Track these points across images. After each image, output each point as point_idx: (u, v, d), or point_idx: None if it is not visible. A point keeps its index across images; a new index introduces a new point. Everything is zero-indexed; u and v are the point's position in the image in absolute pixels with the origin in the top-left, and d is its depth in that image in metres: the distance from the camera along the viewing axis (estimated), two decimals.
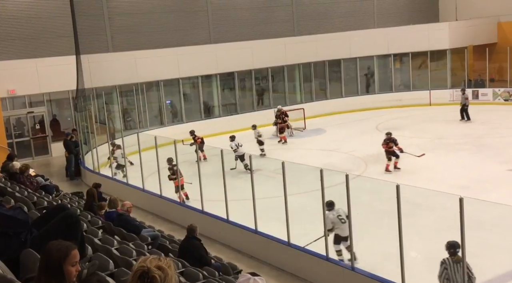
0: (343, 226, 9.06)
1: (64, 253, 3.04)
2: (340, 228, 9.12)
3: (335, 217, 9.14)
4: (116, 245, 6.57)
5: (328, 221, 9.06)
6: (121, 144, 15.70)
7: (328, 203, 9.18)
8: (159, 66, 21.89)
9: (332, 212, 9.18)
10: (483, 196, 11.03)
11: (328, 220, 9.07)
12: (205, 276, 6.47)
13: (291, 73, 26.22)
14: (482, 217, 10.25)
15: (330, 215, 9.15)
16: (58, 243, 3.12)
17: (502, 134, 19.08)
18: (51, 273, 2.97)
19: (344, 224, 9.03)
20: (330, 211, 9.19)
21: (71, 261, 3.05)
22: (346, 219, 8.94)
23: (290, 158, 14.91)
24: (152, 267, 2.20)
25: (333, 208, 9.24)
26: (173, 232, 10.71)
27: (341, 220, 9.08)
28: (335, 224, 9.13)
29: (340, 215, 9.12)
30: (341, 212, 9.13)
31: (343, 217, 9.07)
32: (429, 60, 26.50)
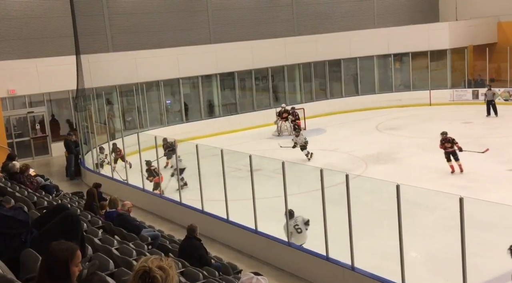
0: (298, 235, 9.33)
1: (70, 253, 3.03)
2: (296, 237, 9.36)
3: (291, 226, 9.32)
4: (116, 245, 6.57)
5: (285, 230, 9.33)
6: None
7: (290, 213, 9.37)
8: (159, 66, 21.90)
9: (290, 221, 9.34)
10: (483, 196, 11.03)
11: (285, 229, 9.34)
12: (205, 276, 6.47)
13: (291, 73, 26.23)
14: (482, 217, 10.25)
15: (289, 224, 9.33)
16: (63, 244, 3.11)
17: (502, 134, 19.08)
18: (57, 274, 2.95)
19: (300, 234, 9.31)
20: (290, 219, 9.35)
21: (76, 262, 3.05)
22: (302, 229, 9.27)
23: (290, 158, 14.92)
24: (154, 267, 2.20)
25: (293, 217, 9.42)
26: (173, 232, 10.71)
27: (297, 230, 9.31)
28: (293, 233, 9.34)
29: (297, 225, 9.32)
30: (299, 221, 9.35)
31: (299, 227, 9.31)
32: (429, 60, 26.50)
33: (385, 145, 18.53)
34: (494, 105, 22.50)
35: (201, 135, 21.63)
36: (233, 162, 15.41)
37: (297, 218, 9.37)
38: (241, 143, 19.96)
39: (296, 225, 9.29)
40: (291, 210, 9.38)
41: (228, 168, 12.20)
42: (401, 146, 18.31)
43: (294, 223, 9.32)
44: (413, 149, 17.82)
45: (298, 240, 9.34)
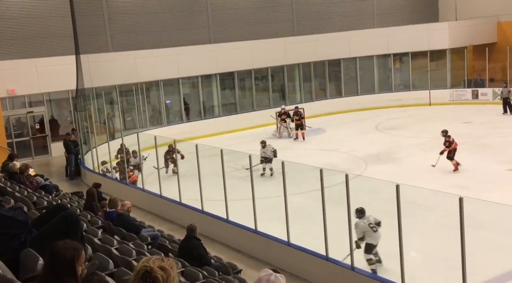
0: (374, 235, 8.78)
1: (77, 252, 3.04)
2: (372, 237, 8.80)
3: (365, 225, 8.79)
4: (116, 245, 6.57)
5: (358, 230, 8.78)
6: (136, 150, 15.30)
7: (359, 210, 8.87)
8: (158, 66, 21.91)
9: (363, 220, 8.84)
10: (483, 195, 11.03)
11: (358, 228, 8.78)
12: (205, 276, 6.47)
13: (290, 73, 26.24)
14: (482, 216, 10.25)
15: (361, 223, 8.82)
16: (69, 243, 3.11)
17: (501, 133, 19.09)
18: (64, 273, 2.95)
19: (375, 233, 8.75)
20: (360, 218, 8.85)
21: (81, 261, 3.05)
22: (377, 227, 8.75)
23: (290, 157, 14.91)
24: (155, 267, 2.20)
25: (364, 216, 8.89)
26: (172, 232, 10.71)
27: (373, 229, 8.77)
28: (366, 232, 8.80)
29: (371, 223, 8.78)
30: (371, 219, 8.84)
31: (374, 225, 8.78)
32: (429, 60, 26.52)
33: (385, 145, 18.53)
34: (510, 102, 22.58)
35: (200, 135, 21.64)
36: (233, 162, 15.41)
37: (369, 217, 8.86)
38: (240, 143, 19.96)
39: (370, 223, 8.75)
40: (361, 208, 8.89)
41: (228, 168, 12.21)
42: (400, 146, 18.32)
43: (368, 222, 8.78)
44: (412, 149, 17.83)
45: (375, 239, 8.80)
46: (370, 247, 8.84)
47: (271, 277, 2.59)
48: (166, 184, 13.28)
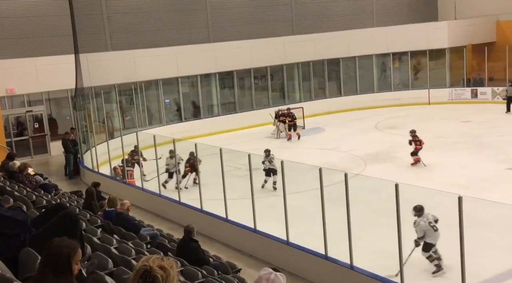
0: (435, 234, 8.52)
1: (73, 249, 3.04)
2: (432, 236, 8.53)
3: (426, 224, 8.52)
4: (115, 244, 6.57)
5: (419, 229, 8.53)
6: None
7: (418, 208, 8.58)
8: (157, 65, 21.90)
9: (422, 219, 8.56)
10: (482, 195, 11.04)
11: (419, 227, 8.53)
12: (204, 275, 6.47)
13: (290, 72, 26.24)
14: (481, 216, 10.26)
15: (421, 222, 8.55)
16: (65, 240, 3.11)
17: (501, 133, 19.10)
18: (60, 270, 2.95)
19: (436, 232, 8.51)
20: (420, 217, 8.58)
21: (77, 259, 3.05)
22: (437, 227, 8.51)
23: (289, 157, 14.90)
24: (155, 266, 2.20)
25: (423, 214, 8.57)
26: (172, 231, 10.71)
27: (433, 228, 8.51)
28: (427, 232, 8.53)
29: (431, 222, 8.50)
30: (431, 218, 8.55)
31: (434, 224, 8.52)
32: (428, 59, 26.53)
33: (384, 144, 18.55)
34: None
35: (200, 134, 21.65)
36: (232, 161, 15.40)
37: (428, 215, 8.53)
38: (240, 142, 19.96)
39: (430, 222, 8.47)
40: (420, 206, 8.57)
41: (227, 167, 12.21)
42: (400, 145, 18.29)
43: (428, 220, 8.50)
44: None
45: (434, 238, 8.53)
46: (429, 246, 8.62)
47: (271, 276, 2.60)
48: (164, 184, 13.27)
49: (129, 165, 14.94)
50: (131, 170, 14.79)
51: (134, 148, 15.29)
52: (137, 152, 15.18)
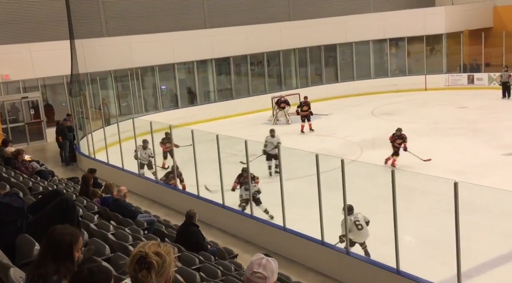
0: (358, 232, 8.70)
1: (76, 237, 3.05)
2: (355, 234, 8.70)
3: (352, 222, 8.68)
4: (112, 230, 6.58)
5: (343, 227, 8.70)
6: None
7: (348, 208, 8.67)
8: (153, 51, 21.77)
9: (350, 217, 8.69)
10: (478, 180, 11.07)
11: (343, 225, 8.69)
12: (201, 261, 6.50)
13: (286, 58, 26.13)
14: (477, 201, 10.31)
15: (348, 220, 8.68)
16: (68, 228, 3.13)
17: (497, 118, 19.14)
18: (61, 257, 2.96)
19: (359, 231, 8.68)
20: (348, 216, 8.70)
21: (78, 247, 3.06)
22: (363, 226, 8.66)
23: (286, 143, 14.91)
24: (150, 252, 2.21)
25: (352, 213, 8.76)
26: (169, 217, 10.74)
27: (358, 226, 8.72)
28: (350, 229, 8.66)
29: (358, 221, 8.69)
30: (359, 217, 8.74)
31: (360, 223, 8.69)
32: (425, 45, 26.46)
33: (380, 130, 18.53)
34: (509, 87, 22.62)
35: (196, 121, 21.61)
36: (229, 147, 15.40)
37: (358, 214, 8.71)
38: (236, 129, 19.94)
39: (356, 220, 8.63)
40: (350, 206, 8.65)
41: (223, 153, 12.20)
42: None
43: (355, 219, 8.67)
44: (408, 134, 17.77)
45: (357, 237, 8.72)
46: (351, 244, 8.70)
47: (263, 261, 2.61)
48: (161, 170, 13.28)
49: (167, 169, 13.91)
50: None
51: (165, 135, 14.47)
52: (169, 139, 14.25)
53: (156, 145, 13.76)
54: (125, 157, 14.50)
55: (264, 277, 2.57)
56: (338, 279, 8.39)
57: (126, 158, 14.48)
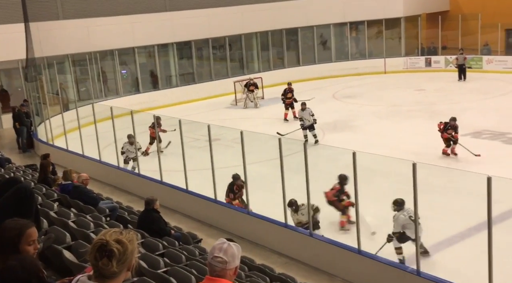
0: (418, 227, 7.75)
1: (17, 232, 2.98)
2: (412, 230, 7.82)
3: (406, 218, 8.05)
4: (73, 218, 6.48)
5: (397, 224, 8.14)
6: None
7: (399, 203, 8.15)
8: (113, 34, 21.29)
9: (402, 213, 8.14)
10: (435, 161, 11.42)
11: (397, 222, 8.13)
12: (165, 246, 6.48)
13: (248, 41, 26.03)
14: (434, 181, 10.62)
15: (401, 216, 8.13)
16: (13, 222, 3.06)
17: (453, 100, 19.68)
18: (7, 252, 2.91)
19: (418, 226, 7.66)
20: (399, 211, 8.17)
21: (27, 240, 2.99)
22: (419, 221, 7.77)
23: (249, 127, 14.94)
24: (111, 240, 2.18)
25: (403, 208, 8.13)
26: (131, 203, 10.64)
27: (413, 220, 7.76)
28: (406, 226, 8.05)
29: (412, 216, 7.82)
30: (412, 212, 7.85)
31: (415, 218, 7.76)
32: (384, 28, 26.84)
33: (342, 113, 18.81)
34: (465, 69, 23.19)
35: (158, 106, 21.36)
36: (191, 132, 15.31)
37: (410, 209, 7.90)
38: (199, 113, 19.82)
39: (410, 216, 7.83)
40: (401, 200, 8.10)
41: (186, 138, 12.12)
42: (357, 114, 18.64)
43: (408, 214, 7.97)
44: (369, 116, 18.18)
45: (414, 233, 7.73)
46: (405, 238, 8.16)
47: (224, 246, 2.63)
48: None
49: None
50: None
51: (157, 119, 13.97)
52: (159, 124, 14.21)
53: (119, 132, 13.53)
54: (85, 143, 14.23)
55: (224, 262, 2.59)
56: (301, 261, 8.53)
57: (86, 144, 14.21)
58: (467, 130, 15.31)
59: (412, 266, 7.22)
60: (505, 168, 11.39)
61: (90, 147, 13.99)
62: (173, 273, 5.04)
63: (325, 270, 8.18)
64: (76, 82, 21.43)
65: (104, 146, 14.22)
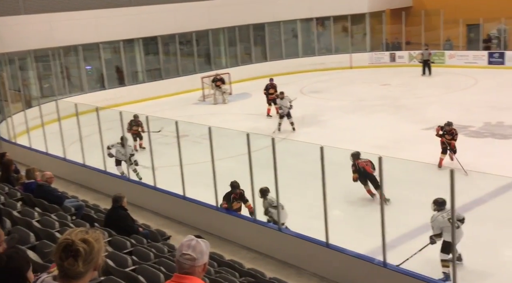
0: (455, 231, 7.14)
1: None
2: (450, 233, 7.22)
3: (445, 220, 7.46)
4: (37, 217, 6.34)
5: (436, 224, 7.57)
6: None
7: (439, 202, 7.59)
8: (76, 29, 20.85)
9: (441, 214, 7.57)
10: (400, 154, 11.62)
11: (436, 223, 7.57)
12: (133, 244, 6.42)
13: (216, 37, 25.92)
14: (400, 174, 10.83)
15: (439, 217, 7.56)
16: None
17: (417, 95, 20.09)
18: None
19: (457, 230, 7.21)
20: (439, 212, 7.62)
21: None
22: (459, 223, 7.40)
23: (217, 123, 14.89)
24: (77, 240, 2.15)
25: (444, 209, 7.57)
26: (98, 201, 10.47)
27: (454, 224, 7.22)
28: (445, 229, 7.47)
29: (451, 218, 7.21)
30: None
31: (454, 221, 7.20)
32: (350, 24, 27.15)
33: (309, 108, 18.96)
34: (429, 64, 23.64)
35: (124, 102, 21.06)
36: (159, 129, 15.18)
37: (449, 211, 7.26)
38: (166, 109, 19.66)
39: (450, 218, 7.20)
40: (442, 200, 7.54)
41: (154, 134, 12.02)
42: (324, 109, 18.83)
43: (448, 216, 7.37)
44: (336, 111, 18.38)
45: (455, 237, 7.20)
46: (448, 245, 7.43)
47: (192, 243, 2.62)
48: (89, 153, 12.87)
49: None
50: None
51: (133, 117, 14.18)
52: (137, 122, 14.16)
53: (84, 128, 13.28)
54: (49, 140, 13.92)
55: (193, 259, 2.59)
56: (270, 255, 8.58)
57: (50, 142, 13.91)
58: (430, 123, 15.66)
59: (379, 257, 7.35)
60: (468, 160, 11.72)
61: (55, 145, 13.70)
62: (141, 271, 4.99)
63: (293, 264, 8.25)
64: (39, 78, 20.93)
65: (69, 143, 13.95)
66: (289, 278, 7.60)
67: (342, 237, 8.42)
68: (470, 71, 23.62)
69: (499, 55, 24.39)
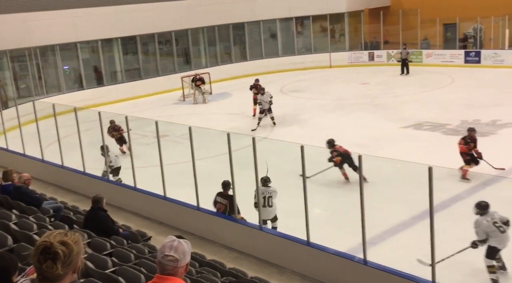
0: (501, 236, 7.08)
1: None
2: (497, 238, 7.11)
3: (490, 224, 7.16)
4: (15, 220, 6.25)
5: (480, 230, 7.21)
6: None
7: (482, 206, 7.24)
8: (53, 29, 20.58)
9: (485, 218, 7.20)
10: (379, 152, 11.75)
11: (480, 228, 7.20)
12: (113, 245, 6.36)
13: (195, 36, 25.84)
14: (379, 172, 10.93)
15: (484, 221, 7.18)
16: None
17: (395, 93, 20.31)
18: None
19: (503, 234, 7.07)
20: (482, 216, 7.23)
21: None
22: (505, 228, 7.11)
23: (197, 123, 14.84)
24: (56, 242, 2.12)
25: (487, 212, 7.23)
26: (77, 203, 10.35)
27: (499, 229, 7.10)
28: (490, 233, 7.16)
29: (497, 222, 7.11)
30: (496, 217, 7.17)
31: (500, 225, 7.11)
32: (329, 23, 27.32)
33: (289, 107, 19.02)
34: (407, 63, 23.90)
35: (103, 102, 20.86)
36: (139, 129, 15.06)
37: (494, 214, 7.16)
38: (146, 109, 19.53)
39: (495, 222, 7.06)
40: (485, 203, 7.25)
41: (133, 135, 11.92)
42: (304, 108, 18.91)
43: (492, 220, 7.13)
44: (316, 110, 18.48)
45: (500, 242, 7.13)
46: (494, 251, 7.22)
47: (174, 243, 2.61)
48: (67, 154, 12.71)
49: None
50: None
51: (110, 123, 13.90)
52: (114, 128, 13.94)
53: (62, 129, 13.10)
54: (26, 142, 13.71)
55: (175, 260, 2.58)
56: (251, 254, 8.58)
57: (27, 143, 13.70)
58: (408, 122, 15.87)
59: (359, 255, 7.41)
60: (446, 158, 11.88)
61: (32, 146, 13.50)
62: (122, 273, 4.95)
63: (275, 263, 8.27)
64: (15, 78, 20.59)
65: (46, 144, 13.76)
66: (270, 277, 7.62)
67: (323, 235, 8.47)
68: (447, 70, 23.98)
69: (475, 54, 24.81)
